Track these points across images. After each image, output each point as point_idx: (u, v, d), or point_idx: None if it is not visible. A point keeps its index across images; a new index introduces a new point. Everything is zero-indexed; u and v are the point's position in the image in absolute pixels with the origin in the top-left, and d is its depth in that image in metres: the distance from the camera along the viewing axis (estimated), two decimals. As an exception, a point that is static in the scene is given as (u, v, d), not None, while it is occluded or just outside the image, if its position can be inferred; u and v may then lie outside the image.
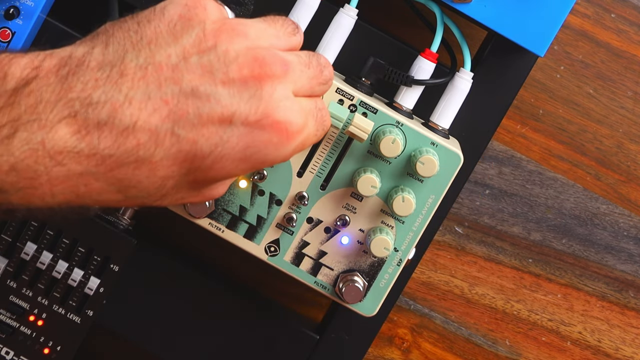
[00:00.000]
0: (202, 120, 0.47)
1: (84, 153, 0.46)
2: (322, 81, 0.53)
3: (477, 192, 0.78)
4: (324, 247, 0.65)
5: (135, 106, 0.46)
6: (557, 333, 0.79)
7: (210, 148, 0.47)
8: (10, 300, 0.68)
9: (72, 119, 0.45)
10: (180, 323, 0.71)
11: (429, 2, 0.65)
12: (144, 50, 0.47)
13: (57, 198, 0.46)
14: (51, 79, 0.46)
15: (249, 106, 0.48)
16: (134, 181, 0.47)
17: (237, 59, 0.48)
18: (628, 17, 0.76)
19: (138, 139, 0.46)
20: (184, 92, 0.47)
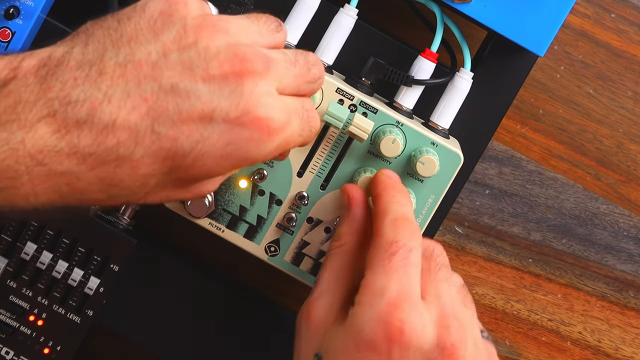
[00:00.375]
0: (182, 117, 0.47)
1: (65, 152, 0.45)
2: (310, 79, 0.53)
3: (477, 192, 0.78)
4: (324, 247, 0.65)
5: (114, 104, 0.46)
6: (557, 333, 0.79)
7: (190, 145, 0.47)
8: (10, 300, 0.68)
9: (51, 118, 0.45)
10: (180, 323, 0.71)
11: (429, 2, 0.65)
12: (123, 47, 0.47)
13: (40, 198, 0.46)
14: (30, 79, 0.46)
15: (229, 102, 0.47)
16: (116, 180, 0.47)
17: (218, 55, 0.48)
18: (628, 17, 0.76)
19: (118, 137, 0.46)
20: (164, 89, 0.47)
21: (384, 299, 0.53)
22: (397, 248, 0.55)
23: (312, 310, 0.57)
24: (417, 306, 0.53)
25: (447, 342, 0.53)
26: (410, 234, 0.56)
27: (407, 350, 0.52)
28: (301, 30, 0.63)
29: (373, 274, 0.54)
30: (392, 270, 0.54)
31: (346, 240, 0.59)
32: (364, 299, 0.54)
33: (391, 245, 0.55)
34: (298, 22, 0.63)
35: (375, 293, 0.53)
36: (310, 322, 0.56)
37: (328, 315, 0.56)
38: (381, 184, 0.60)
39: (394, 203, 0.58)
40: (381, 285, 0.54)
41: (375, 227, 0.57)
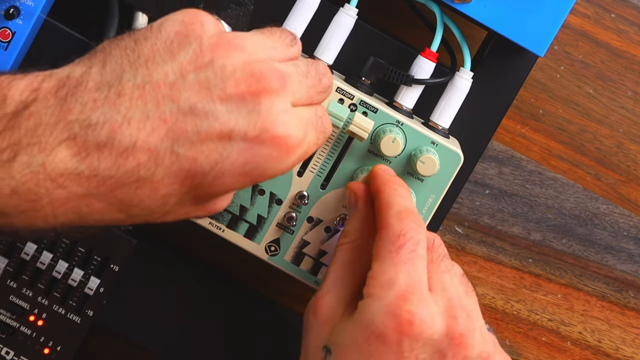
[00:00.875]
0: (201, 137, 0.47)
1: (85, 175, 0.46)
2: (322, 89, 0.53)
3: (477, 192, 0.78)
4: (324, 246, 0.65)
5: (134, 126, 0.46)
6: (557, 333, 0.79)
7: (210, 165, 0.47)
8: (10, 300, 0.68)
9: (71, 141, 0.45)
10: (180, 323, 0.71)
11: (429, 2, 0.65)
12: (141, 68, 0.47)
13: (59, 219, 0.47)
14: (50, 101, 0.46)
15: (248, 122, 0.48)
16: (136, 200, 0.47)
17: (234, 74, 0.48)
18: (628, 17, 0.76)
19: (138, 159, 0.46)
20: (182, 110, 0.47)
21: (392, 291, 0.54)
22: (404, 240, 0.55)
23: (320, 305, 0.57)
24: (426, 298, 0.54)
25: (456, 331, 0.54)
26: (415, 227, 0.56)
27: (417, 342, 0.53)
28: (301, 30, 0.63)
29: (381, 266, 0.55)
30: (400, 262, 0.55)
31: (355, 237, 0.59)
32: (372, 291, 0.54)
33: (398, 237, 0.55)
34: (298, 22, 0.63)
35: (384, 285, 0.54)
36: (318, 316, 0.57)
37: (336, 309, 0.57)
38: (380, 178, 0.60)
39: (397, 196, 0.58)
40: (389, 277, 0.54)
41: (380, 220, 0.57)
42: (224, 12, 0.66)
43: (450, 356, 0.54)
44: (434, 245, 0.59)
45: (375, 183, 0.60)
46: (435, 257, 0.58)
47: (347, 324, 0.55)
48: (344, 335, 0.55)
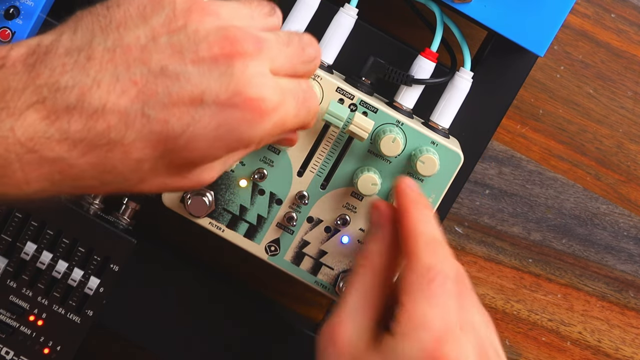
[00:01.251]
0: (172, 99, 0.46)
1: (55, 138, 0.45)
2: (306, 59, 0.52)
3: (477, 192, 0.78)
4: (324, 246, 0.65)
5: (103, 89, 0.46)
6: (557, 333, 0.79)
7: (182, 128, 0.47)
8: (10, 300, 0.68)
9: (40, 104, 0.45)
10: (180, 323, 0.71)
11: (429, 2, 0.65)
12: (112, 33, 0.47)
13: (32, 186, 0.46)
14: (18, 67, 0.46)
15: (219, 84, 0.47)
16: (109, 166, 0.47)
17: (207, 37, 0.47)
18: (628, 17, 0.76)
19: (108, 121, 0.46)
20: (153, 72, 0.46)
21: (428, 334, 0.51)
22: (434, 274, 0.53)
23: (339, 333, 0.54)
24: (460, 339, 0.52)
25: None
26: (445, 259, 0.54)
27: None
28: (301, 30, 0.63)
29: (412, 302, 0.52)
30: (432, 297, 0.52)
31: (376, 261, 0.56)
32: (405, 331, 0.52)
33: (429, 271, 0.53)
34: (298, 21, 0.63)
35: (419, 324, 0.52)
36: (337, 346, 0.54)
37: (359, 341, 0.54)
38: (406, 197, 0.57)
39: (425, 222, 0.56)
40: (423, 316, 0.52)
41: (409, 248, 0.54)
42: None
43: None
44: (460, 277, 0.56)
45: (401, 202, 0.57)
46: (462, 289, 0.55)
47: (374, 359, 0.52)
48: None
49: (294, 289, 0.78)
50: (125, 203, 0.69)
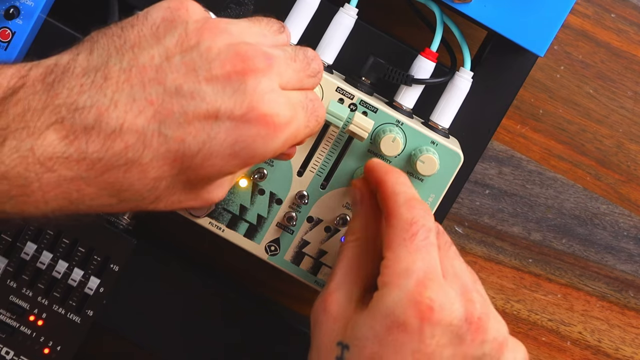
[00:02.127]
0: (188, 118, 0.47)
1: (74, 158, 0.46)
2: (311, 73, 0.53)
3: (477, 192, 0.78)
4: (324, 246, 0.65)
5: (120, 109, 0.46)
6: (557, 333, 0.79)
7: (198, 146, 0.48)
8: (10, 300, 0.68)
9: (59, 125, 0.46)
10: (181, 323, 0.71)
11: (429, 2, 0.65)
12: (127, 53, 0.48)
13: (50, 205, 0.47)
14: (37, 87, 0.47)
15: (234, 101, 0.48)
16: (126, 184, 0.47)
17: (220, 55, 0.48)
18: (628, 17, 0.76)
19: (126, 141, 0.46)
20: (168, 91, 0.47)
21: (411, 279, 0.54)
22: (417, 228, 0.56)
23: (330, 302, 0.57)
24: (443, 284, 0.55)
25: (474, 316, 0.55)
26: (425, 214, 0.57)
27: (438, 328, 0.53)
28: (301, 30, 0.63)
29: (395, 254, 0.55)
30: (415, 250, 0.55)
31: (360, 234, 0.59)
32: (388, 280, 0.54)
33: (411, 225, 0.56)
34: (298, 21, 0.63)
35: (401, 274, 0.54)
36: (328, 313, 0.57)
37: (347, 305, 0.57)
38: (379, 169, 0.60)
39: (401, 184, 0.59)
40: (406, 265, 0.54)
41: (389, 209, 0.57)
42: (224, 12, 0.66)
43: (468, 340, 0.54)
44: (440, 232, 0.59)
45: (375, 174, 0.60)
46: (442, 243, 0.58)
47: (363, 317, 0.55)
48: (361, 329, 0.54)
49: (294, 289, 0.78)
50: (125, 203, 0.69)
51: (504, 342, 0.56)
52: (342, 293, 0.57)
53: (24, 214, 0.47)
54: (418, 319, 0.53)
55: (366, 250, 0.59)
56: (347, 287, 0.58)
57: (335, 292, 0.57)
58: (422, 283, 0.54)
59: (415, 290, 0.53)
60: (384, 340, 0.53)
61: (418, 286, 0.54)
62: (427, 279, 0.54)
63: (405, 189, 0.58)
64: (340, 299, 0.57)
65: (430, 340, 0.53)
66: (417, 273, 0.54)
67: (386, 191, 0.58)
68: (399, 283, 0.54)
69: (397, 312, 0.53)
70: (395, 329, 0.53)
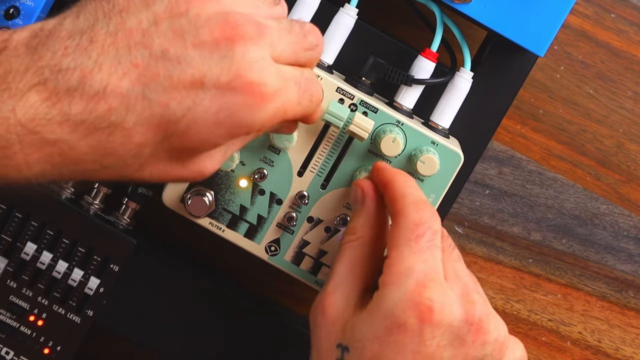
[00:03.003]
0: (173, 83, 0.47)
1: (56, 120, 0.45)
2: (307, 46, 0.52)
3: (477, 192, 0.78)
4: (324, 246, 0.65)
5: (105, 71, 0.46)
6: (557, 333, 0.79)
7: (182, 111, 0.47)
8: (10, 300, 0.68)
9: (42, 86, 0.45)
10: (180, 323, 0.71)
11: (429, 2, 0.65)
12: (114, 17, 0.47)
13: (32, 169, 0.46)
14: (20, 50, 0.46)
15: (220, 67, 0.47)
16: (110, 148, 0.47)
17: (209, 21, 0.48)
18: (628, 17, 0.76)
19: (109, 103, 0.46)
20: (154, 55, 0.47)
21: (411, 280, 0.54)
22: (423, 230, 0.56)
23: (328, 304, 0.57)
24: (444, 285, 0.55)
25: (475, 317, 0.55)
26: (432, 216, 0.57)
27: (438, 329, 0.53)
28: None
29: (399, 254, 0.55)
30: (419, 250, 0.55)
31: (361, 234, 0.59)
32: (390, 280, 0.54)
33: (417, 226, 0.56)
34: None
35: (402, 273, 0.54)
36: (327, 315, 0.57)
37: (346, 307, 0.57)
38: (387, 172, 0.60)
39: (409, 186, 0.59)
40: (408, 265, 0.54)
41: (397, 208, 0.57)
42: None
43: (469, 342, 0.54)
44: (444, 235, 0.59)
45: (383, 175, 0.60)
46: (445, 246, 0.58)
47: (362, 319, 0.55)
48: (361, 330, 0.54)
49: (294, 289, 0.78)
50: (125, 203, 0.69)
51: (504, 343, 0.57)
52: (340, 294, 0.57)
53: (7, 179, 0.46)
54: (418, 320, 0.53)
55: (366, 251, 0.59)
56: (346, 288, 0.57)
57: (333, 294, 0.57)
58: (423, 284, 0.54)
59: (415, 291, 0.53)
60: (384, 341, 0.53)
61: (418, 286, 0.54)
62: (428, 280, 0.54)
63: (414, 191, 0.58)
64: (339, 300, 0.57)
65: (430, 342, 0.53)
66: (418, 273, 0.54)
67: (395, 191, 0.58)
68: (400, 283, 0.54)
69: (397, 312, 0.53)
70: (395, 329, 0.53)
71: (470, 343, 0.54)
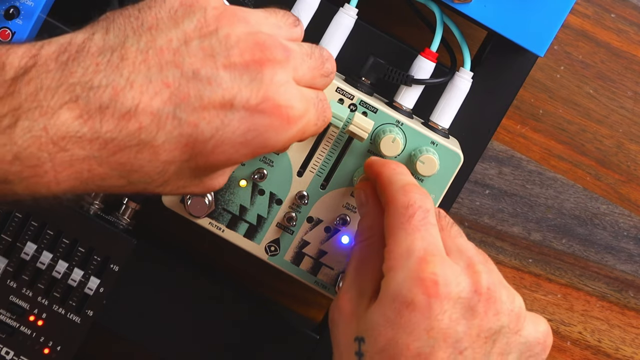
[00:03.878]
0: (204, 103, 0.47)
1: (87, 137, 0.46)
2: (324, 73, 0.54)
3: (477, 192, 0.78)
4: (324, 246, 0.65)
5: (136, 89, 0.46)
6: (557, 333, 0.79)
7: (211, 132, 0.47)
8: (10, 300, 0.68)
9: (73, 103, 0.45)
10: (180, 323, 0.71)
11: (429, 2, 0.65)
12: (144, 35, 0.48)
13: (61, 185, 0.46)
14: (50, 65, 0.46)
15: (250, 90, 0.48)
16: (137, 165, 0.47)
17: (239, 43, 0.48)
18: (628, 17, 0.76)
19: (140, 122, 0.46)
20: (186, 75, 0.47)
21: (412, 258, 0.54)
22: (414, 210, 0.56)
23: (343, 302, 0.58)
24: (446, 259, 0.55)
25: (483, 286, 0.54)
26: (421, 196, 0.57)
27: (447, 302, 0.53)
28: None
29: (395, 238, 0.55)
30: (414, 230, 0.55)
31: (368, 235, 0.59)
32: (391, 264, 0.55)
33: (407, 208, 0.56)
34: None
35: (402, 255, 0.54)
36: (343, 313, 0.57)
37: (360, 302, 0.57)
38: (375, 164, 0.61)
39: (397, 173, 0.59)
40: (406, 246, 0.55)
41: (386, 197, 0.57)
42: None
43: (481, 312, 0.54)
44: (441, 214, 0.59)
45: (372, 169, 0.60)
46: (444, 224, 0.58)
47: (373, 309, 0.55)
48: (373, 319, 0.54)
49: (294, 289, 0.78)
50: (125, 203, 0.69)
51: (521, 314, 0.56)
52: (354, 292, 0.58)
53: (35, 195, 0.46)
54: (425, 295, 0.53)
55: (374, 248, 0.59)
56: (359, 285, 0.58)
57: (348, 292, 0.58)
58: (424, 259, 0.54)
59: (419, 268, 0.53)
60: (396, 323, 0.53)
61: (420, 263, 0.54)
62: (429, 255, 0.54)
63: (401, 177, 0.58)
64: (353, 297, 0.57)
65: (441, 316, 0.53)
66: (418, 251, 0.54)
67: (383, 181, 0.59)
68: (402, 264, 0.54)
69: (403, 292, 0.53)
70: (405, 309, 0.53)
71: (483, 314, 0.54)
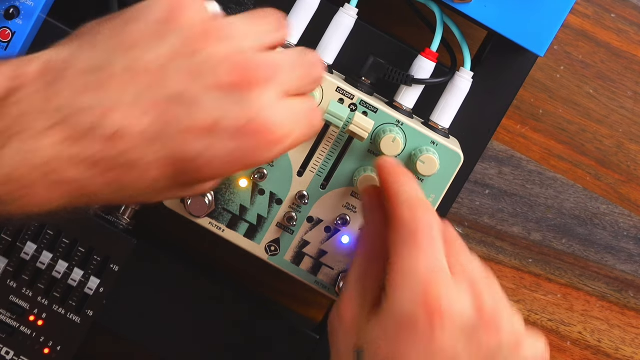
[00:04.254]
0: (189, 125, 0.47)
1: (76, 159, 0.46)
2: (312, 80, 0.53)
3: (477, 192, 0.78)
4: (324, 246, 0.65)
5: (123, 111, 0.46)
6: (557, 333, 0.79)
7: (197, 152, 0.48)
8: (10, 300, 0.68)
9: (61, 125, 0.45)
10: (180, 323, 0.71)
11: (429, 2, 0.65)
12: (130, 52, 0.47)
13: (54, 204, 0.47)
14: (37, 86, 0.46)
15: (236, 112, 0.48)
16: (127, 182, 0.47)
17: (223, 63, 0.48)
18: (628, 17, 0.76)
19: (127, 143, 0.46)
20: (171, 97, 0.47)
21: (416, 278, 0.54)
22: (416, 226, 0.56)
23: (344, 310, 0.58)
24: (449, 279, 0.54)
25: (486, 308, 0.54)
26: (426, 212, 0.56)
27: (450, 322, 0.53)
28: (301, 30, 0.63)
29: (399, 255, 0.55)
30: (418, 248, 0.55)
31: (371, 244, 0.59)
32: (395, 281, 0.54)
33: (412, 224, 0.56)
34: (298, 22, 0.63)
35: (406, 273, 0.54)
36: (343, 322, 0.57)
37: (361, 312, 0.57)
38: (383, 169, 0.60)
39: (402, 184, 0.59)
40: (409, 264, 0.54)
41: (392, 212, 0.57)
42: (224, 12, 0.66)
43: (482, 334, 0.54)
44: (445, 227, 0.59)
45: (380, 176, 0.60)
46: (449, 238, 0.58)
47: (374, 322, 0.55)
48: (373, 333, 0.55)
49: (294, 289, 0.78)
50: (125, 203, 0.69)
51: (520, 333, 0.56)
52: (355, 301, 0.58)
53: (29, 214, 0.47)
54: (427, 316, 0.53)
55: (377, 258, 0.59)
56: (360, 294, 0.58)
57: (348, 300, 0.58)
58: (428, 280, 0.54)
59: (422, 288, 0.53)
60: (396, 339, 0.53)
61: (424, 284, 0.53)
62: (433, 276, 0.54)
63: (407, 189, 0.58)
64: (354, 306, 0.57)
65: (442, 337, 0.53)
66: (422, 271, 0.54)
67: (389, 193, 0.58)
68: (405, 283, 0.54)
69: (405, 311, 0.53)
70: (405, 328, 0.53)
71: (483, 333, 0.54)
